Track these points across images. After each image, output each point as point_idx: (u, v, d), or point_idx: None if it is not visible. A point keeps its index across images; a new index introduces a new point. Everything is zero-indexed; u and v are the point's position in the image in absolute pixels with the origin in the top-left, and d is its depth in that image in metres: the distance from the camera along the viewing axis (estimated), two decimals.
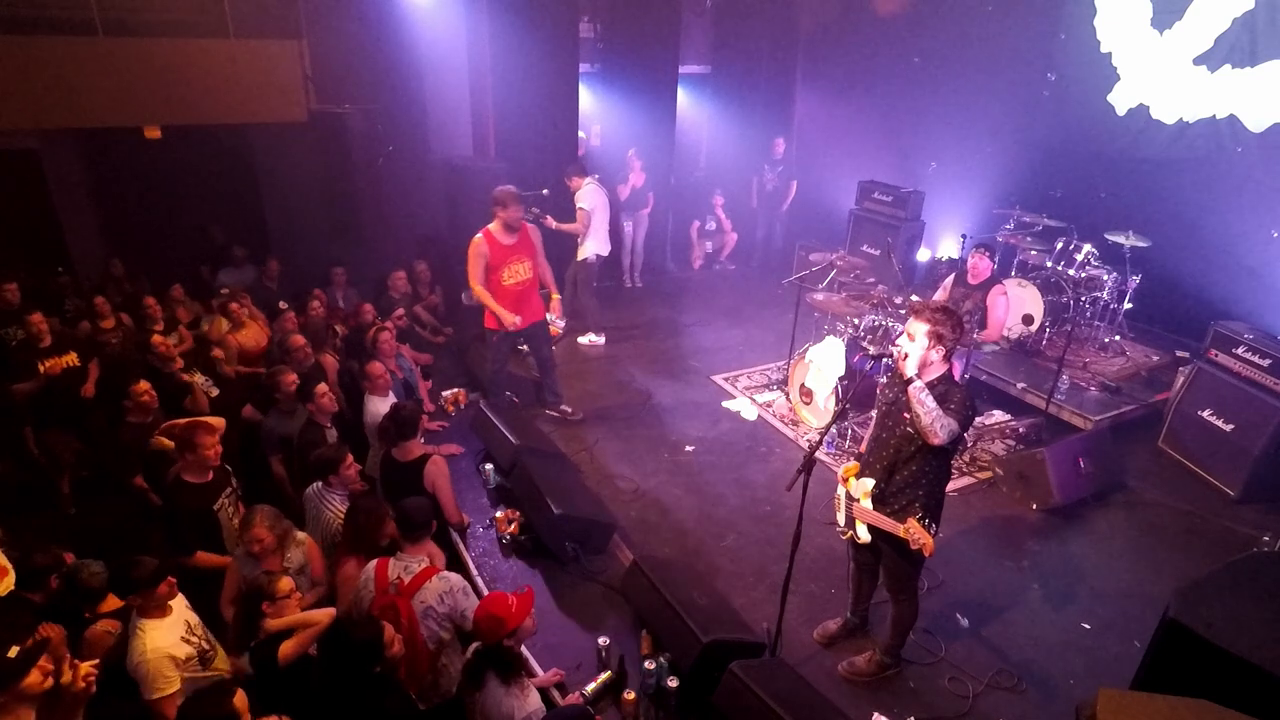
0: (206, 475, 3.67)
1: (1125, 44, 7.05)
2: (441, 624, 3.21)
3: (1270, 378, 5.06)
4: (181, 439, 3.57)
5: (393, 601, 3.12)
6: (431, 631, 3.19)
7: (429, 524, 3.43)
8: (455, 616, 3.22)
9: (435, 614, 3.19)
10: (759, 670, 3.21)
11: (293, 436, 4.53)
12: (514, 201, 5.21)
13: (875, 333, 5.67)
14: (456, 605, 3.21)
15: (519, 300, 5.37)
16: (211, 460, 3.65)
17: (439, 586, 3.21)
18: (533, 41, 7.46)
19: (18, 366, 4.76)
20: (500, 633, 2.81)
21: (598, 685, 3.44)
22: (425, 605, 3.17)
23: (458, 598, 3.23)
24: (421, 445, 4.25)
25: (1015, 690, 3.62)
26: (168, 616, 2.93)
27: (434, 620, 3.19)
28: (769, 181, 9.13)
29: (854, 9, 9.20)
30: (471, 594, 3.33)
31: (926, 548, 3.04)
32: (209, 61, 6.48)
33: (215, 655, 3.08)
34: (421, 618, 3.15)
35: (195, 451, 3.57)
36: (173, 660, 2.82)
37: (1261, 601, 3.00)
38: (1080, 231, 6.66)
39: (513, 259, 5.28)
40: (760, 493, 5.13)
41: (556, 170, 7.30)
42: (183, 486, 3.63)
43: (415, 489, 4.03)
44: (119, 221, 7.60)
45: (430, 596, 3.18)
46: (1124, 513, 5.03)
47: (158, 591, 2.87)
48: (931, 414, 2.97)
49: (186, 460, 3.61)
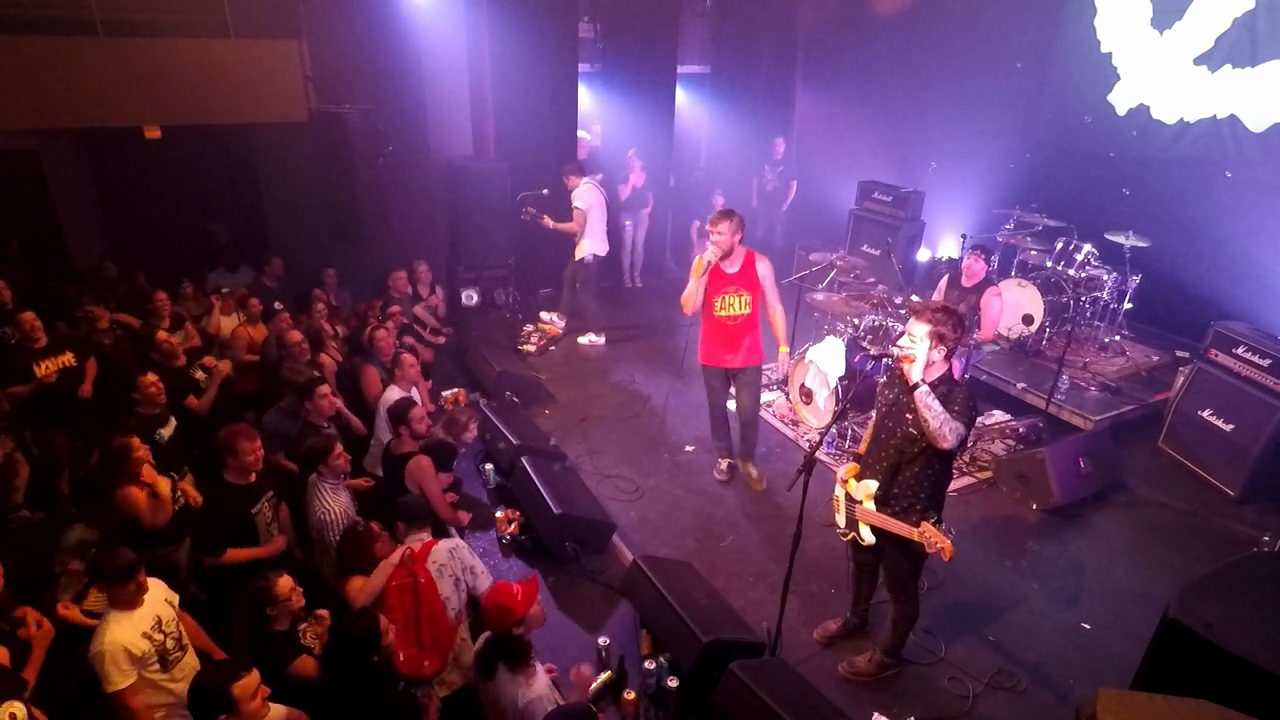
0: (249, 478, 3.68)
1: (1125, 44, 7.05)
2: (457, 583, 3.39)
3: (1270, 378, 5.06)
4: (225, 445, 3.59)
5: (410, 569, 3.30)
6: (448, 592, 3.35)
7: (428, 515, 3.65)
8: (466, 574, 3.42)
9: (450, 569, 3.38)
10: (759, 670, 3.21)
11: (292, 436, 4.54)
12: (724, 221, 4.54)
13: (875, 333, 5.67)
14: (465, 560, 3.45)
15: (723, 338, 4.78)
16: (253, 465, 3.65)
17: (446, 544, 3.47)
18: (532, 41, 7.46)
19: (12, 367, 4.74)
20: (509, 621, 2.86)
21: (598, 685, 3.45)
22: (439, 564, 3.37)
23: (463, 553, 3.47)
24: (412, 442, 4.27)
25: (1015, 690, 3.62)
26: (137, 610, 2.92)
27: (450, 576, 3.38)
28: (769, 181, 9.13)
29: (854, 9, 9.20)
30: (476, 555, 3.55)
31: (945, 551, 2.98)
32: (209, 61, 6.47)
33: (183, 657, 3.04)
34: (438, 576, 3.34)
35: (237, 457, 3.58)
36: (128, 654, 2.80)
37: (1261, 601, 3.00)
38: (1080, 231, 6.66)
39: (728, 289, 4.68)
40: (760, 493, 5.12)
41: (556, 170, 7.31)
42: (225, 487, 3.65)
43: (401, 483, 4.11)
44: (119, 221, 7.59)
45: (440, 555, 3.39)
46: (1124, 513, 5.03)
47: (127, 588, 2.87)
48: (939, 418, 2.96)
49: (230, 464, 3.62)
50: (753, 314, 4.72)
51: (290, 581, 3.06)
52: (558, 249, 7.80)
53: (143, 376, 4.37)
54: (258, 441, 3.65)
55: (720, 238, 4.50)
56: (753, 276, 4.65)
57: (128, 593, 2.88)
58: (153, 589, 3.02)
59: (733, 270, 4.65)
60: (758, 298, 4.70)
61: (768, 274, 4.68)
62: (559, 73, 7.78)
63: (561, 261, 7.60)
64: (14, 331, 4.87)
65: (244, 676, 2.47)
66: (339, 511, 3.83)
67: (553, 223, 7.00)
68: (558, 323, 7.65)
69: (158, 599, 3.04)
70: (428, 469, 4.19)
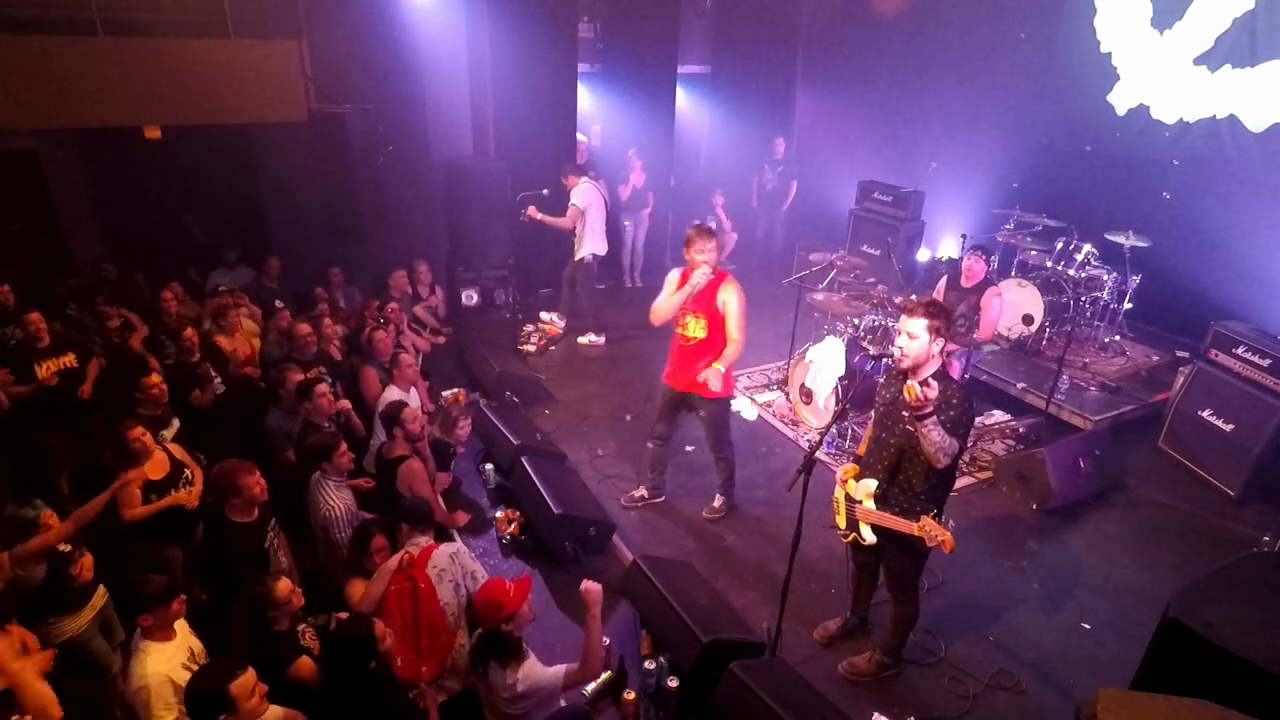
0: (252, 514, 3.49)
1: (1125, 44, 7.05)
2: (457, 588, 3.37)
3: (1270, 378, 5.06)
4: (225, 485, 3.39)
5: (409, 574, 3.28)
6: (447, 598, 3.32)
7: (430, 518, 3.64)
8: (466, 578, 3.40)
9: (450, 574, 3.36)
10: (759, 670, 3.21)
11: (293, 435, 4.55)
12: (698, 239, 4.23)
13: (875, 333, 5.67)
14: (466, 565, 3.43)
15: (679, 358, 4.49)
16: (259, 497, 3.48)
17: (447, 549, 3.45)
18: (532, 41, 7.46)
19: (14, 368, 4.74)
20: (498, 617, 2.84)
21: (598, 685, 3.45)
22: (439, 569, 3.34)
23: (464, 559, 3.46)
24: (405, 445, 4.27)
25: (1015, 690, 3.63)
26: (172, 640, 2.84)
27: (450, 581, 3.35)
28: (769, 181, 9.13)
29: (854, 9, 9.21)
30: (476, 560, 3.55)
31: (946, 544, 2.99)
32: (209, 61, 6.47)
33: None
34: (437, 582, 3.31)
35: (241, 494, 3.39)
36: (173, 686, 2.68)
37: (1261, 601, 3.00)
38: (1080, 231, 6.66)
39: (692, 308, 4.34)
40: (760, 493, 5.13)
41: (556, 170, 7.31)
42: (230, 528, 3.43)
43: (394, 486, 4.12)
44: (119, 222, 7.59)
45: (441, 560, 3.38)
46: (1124, 513, 5.03)
47: (170, 609, 2.80)
48: (938, 445, 2.95)
49: (232, 504, 3.43)
50: (709, 340, 4.32)
51: (289, 584, 3.06)
52: (558, 249, 7.80)
53: (146, 377, 4.37)
54: (257, 473, 3.48)
55: (709, 256, 4.19)
56: (712, 303, 4.26)
57: (171, 615, 2.81)
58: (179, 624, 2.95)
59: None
60: (715, 325, 4.30)
61: (733, 303, 4.24)
62: (559, 72, 7.77)
63: (561, 261, 7.60)
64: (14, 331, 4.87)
65: (240, 675, 2.46)
66: (343, 509, 3.84)
67: (540, 214, 6.98)
68: (558, 323, 7.65)
69: (184, 631, 2.97)
70: (420, 473, 4.20)
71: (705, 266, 4.19)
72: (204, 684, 2.46)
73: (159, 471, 3.89)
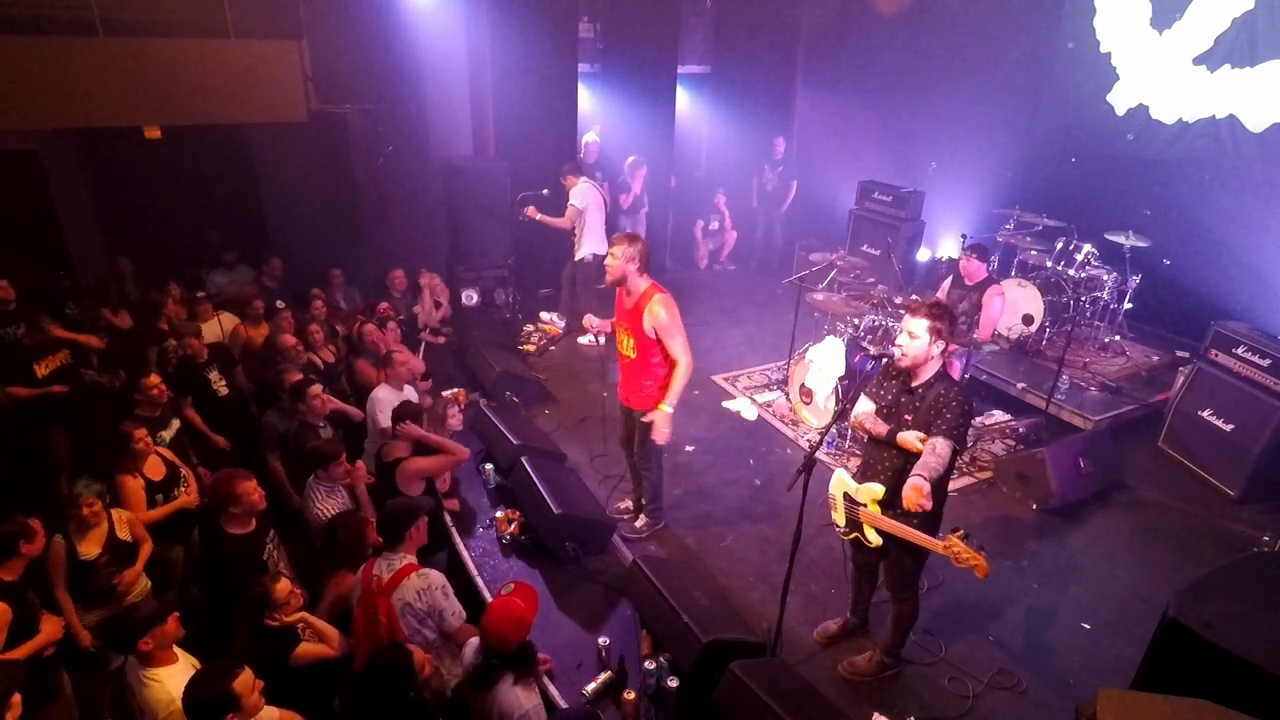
0: (249, 525, 3.46)
1: (1125, 44, 7.05)
2: (422, 622, 3.13)
3: (1270, 378, 5.05)
4: (223, 494, 3.36)
5: (373, 598, 3.07)
6: (412, 629, 3.12)
7: (406, 526, 3.25)
8: (434, 616, 3.14)
9: (414, 610, 3.10)
10: (759, 670, 3.21)
11: (288, 435, 4.58)
12: (620, 245, 3.96)
13: (875, 333, 5.67)
14: (435, 604, 3.12)
15: (622, 373, 4.30)
16: (257, 505, 3.45)
17: (417, 584, 3.12)
18: (532, 41, 7.46)
19: (14, 368, 4.75)
20: (525, 632, 2.77)
21: (598, 685, 3.45)
22: (403, 602, 3.09)
23: (435, 596, 3.13)
24: (404, 448, 4.27)
25: (1015, 690, 3.62)
26: (176, 662, 2.81)
27: (413, 617, 3.11)
28: (769, 181, 9.13)
29: (854, 9, 9.21)
30: (451, 595, 3.22)
31: (980, 569, 2.86)
32: (209, 61, 6.48)
33: None
34: (400, 614, 3.09)
35: (239, 503, 3.36)
36: None
37: (1261, 601, 2.99)
38: (1080, 231, 6.66)
39: (621, 323, 4.13)
40: (760, 493, 5.13)
41: (556, 170, 7.30)
42: (227, 541, 3.39)
43: (394, 489, 4.11)
44: (119, 221, 7.60)
45: (408, 593, 3.10)
46: (1124, 513, 5.03)
47: (167, 628, 2.78)
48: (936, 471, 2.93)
49: (231, 514, 3.40)
50: (639, 360, 4.07)
51: (288, 585, 3.06)
52: (558, 249, 7.80)
53: (145, 378, 4.38)
54: (254, 480, 3.46)
55: (612, 261, 3.92)
56: (638, 321, 3.96)
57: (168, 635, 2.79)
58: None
59: (628, 305, 4.02)
60: (643, 345, 4.01)
61: (662, 324, 3.89)
62: (559, 73, 7.77)
63: (561, 261, 7.59)
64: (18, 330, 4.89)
65: (240, 673, 2.46)
66: (331, 513, 3.84)
67: (538, 214, 6.98)
68: (558, 323, 7.65)
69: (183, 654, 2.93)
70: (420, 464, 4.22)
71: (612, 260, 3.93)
72: (207, 687, 2.44)
73: (157, 473, 3.90)
